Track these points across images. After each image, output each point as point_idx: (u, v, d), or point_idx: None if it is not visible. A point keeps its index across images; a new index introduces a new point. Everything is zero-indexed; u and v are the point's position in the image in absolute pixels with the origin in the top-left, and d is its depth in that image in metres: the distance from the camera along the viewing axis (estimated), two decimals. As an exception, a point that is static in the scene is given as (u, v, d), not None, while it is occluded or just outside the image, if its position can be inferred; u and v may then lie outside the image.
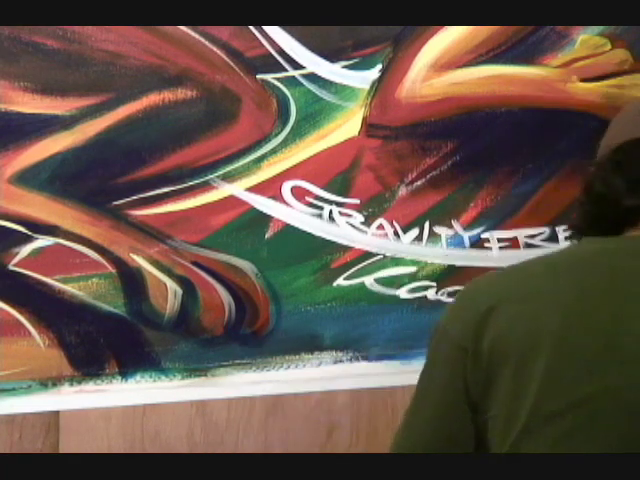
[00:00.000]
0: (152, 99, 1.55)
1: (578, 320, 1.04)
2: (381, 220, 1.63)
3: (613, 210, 1.14)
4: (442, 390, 1.13)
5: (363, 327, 1.64)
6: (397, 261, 1.65)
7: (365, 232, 1.63)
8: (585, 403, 1.01)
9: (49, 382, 1.55)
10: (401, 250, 1.65)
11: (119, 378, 1.57)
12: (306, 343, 1.62)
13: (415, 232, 1.65)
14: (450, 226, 1.66)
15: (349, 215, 1.62)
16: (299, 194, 1.61)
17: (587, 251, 1.14)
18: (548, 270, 1.12)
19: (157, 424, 1.59)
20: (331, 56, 1.60)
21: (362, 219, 1.63)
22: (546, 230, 1.68)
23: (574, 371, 1.03)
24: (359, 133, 1.62)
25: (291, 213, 1.61)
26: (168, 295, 1.58)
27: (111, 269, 1.56)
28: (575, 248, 1.19)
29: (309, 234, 1.61)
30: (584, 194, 1.21)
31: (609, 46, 1.68)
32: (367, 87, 1.61)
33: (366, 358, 1.65)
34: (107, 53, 1.53)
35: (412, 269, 1.65)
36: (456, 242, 1.66)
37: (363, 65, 1.61)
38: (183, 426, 1.59)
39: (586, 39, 1.67)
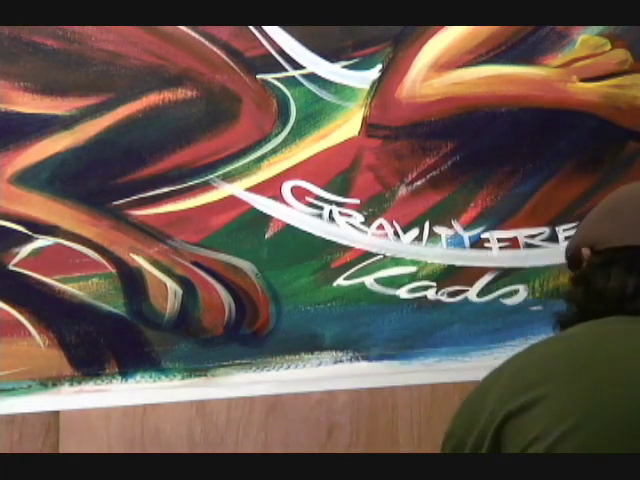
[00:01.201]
0: (152, 99, 1.55)
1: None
2: (381, 220, 1.63)
3: (611, 307, 1.14)
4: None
5: (363, 327, 1.64)
6: (397, 261, 1.65)
7: (365, 232, 1.63)
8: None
9: (49, 382, 1.55)
10: (401, 250, 1.65)
11: (119, 378, 1.57)
12: (306, 343, 1.62)
13: (415, 232, 1.65)
14: (450, 226, 1.66)
15: (349, 215, 1.62)
16: (299, 194, 1.61)
17: (578, 333, 1.14)
18: (540, 365, 1.11)
19: (157, 424, 1.59)
20: (331, 56, 1.60)
21: (362, 219, 1.63)
22: (546, 230, 1.68)
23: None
24: (359, 133, 1.62)
25: (291, 213, 1.61)
26: (168, 295, 1.58)
27: (111, 269, 1.56)
28: (566, 336, 1.17)
29: (309, 234, 1.61)
30: (580, 286, 1.19)
31: (609, 46, 1.67)
32: (367, 87, 1.61)
33: (366, 358, 1.65)
34: (107, 53, 1.53)
35: (412, 269, 1.65)
36: (456, 242, 1.66)
37: (363, 65, 1.61)
38: (183, 426, 1.59)
39: (586, 39, 1.67)
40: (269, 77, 1.59)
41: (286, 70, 1.59)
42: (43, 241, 1.54)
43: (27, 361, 1.55)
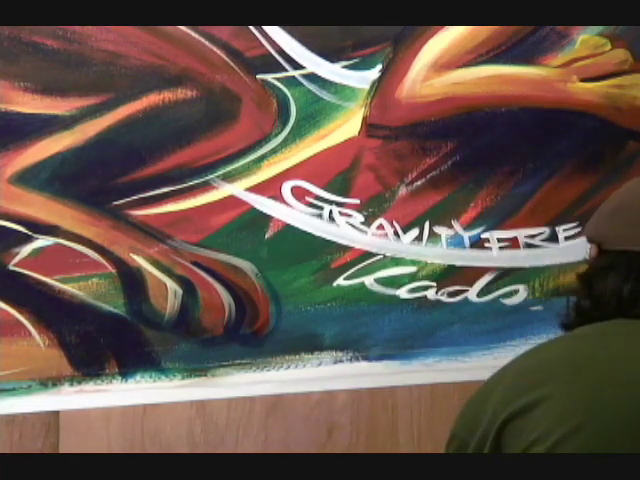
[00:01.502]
0: (152, 99, 1.55)
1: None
2: (381, 220, 1.63)
3: (609, 314, 1.14)
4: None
5: (363, 327, 1.64)
6: (397, 261, 1.65)
7: (365, 232, 1.63)
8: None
9: (49, 382, 1.55)
10: (401, 250, 1.65)
11: (119, 378, 1.57)
12: (306, 343, 1.62)
13: (415, 232, 1.65)
14: (450, 226, 1.66)
15: (349, 215, 1.62)
16: (299, 194, 1.61)
17: (579, 335, 1.14)
18: (544, 369, 1.11)
19: (157, 424, 1.59)
20: (331, 56, 1.60)
21: (362, 219, 1.63)
22: (546, 230, 1.69)
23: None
24: (359, 133, 1.62)
25: (291, 213, 1.61)
26: (168, 295, 1.58)
27: (111, 269, 1.56)
28: (564, 341, 1.17)
29: (309, 234, 1.61)
30: (583, 286, 1.19)
31: (609, 46, 1.68)
32: (367, 87, 1.61)
33: (366, 358, 1.65)
34: (107, 53, 1.53)
35: (412, 269, 1.65)
36: (456, 242, 1.66)
37: (363, 65, 1.61)
38: (183, 426, 1.59)
39: (586, 39, 1.67)
40: (269, 77, 1.58)
41: (286, 70, 1.59)
42: (43, 241, 1.54)
43: (27, 361, 1.55)
